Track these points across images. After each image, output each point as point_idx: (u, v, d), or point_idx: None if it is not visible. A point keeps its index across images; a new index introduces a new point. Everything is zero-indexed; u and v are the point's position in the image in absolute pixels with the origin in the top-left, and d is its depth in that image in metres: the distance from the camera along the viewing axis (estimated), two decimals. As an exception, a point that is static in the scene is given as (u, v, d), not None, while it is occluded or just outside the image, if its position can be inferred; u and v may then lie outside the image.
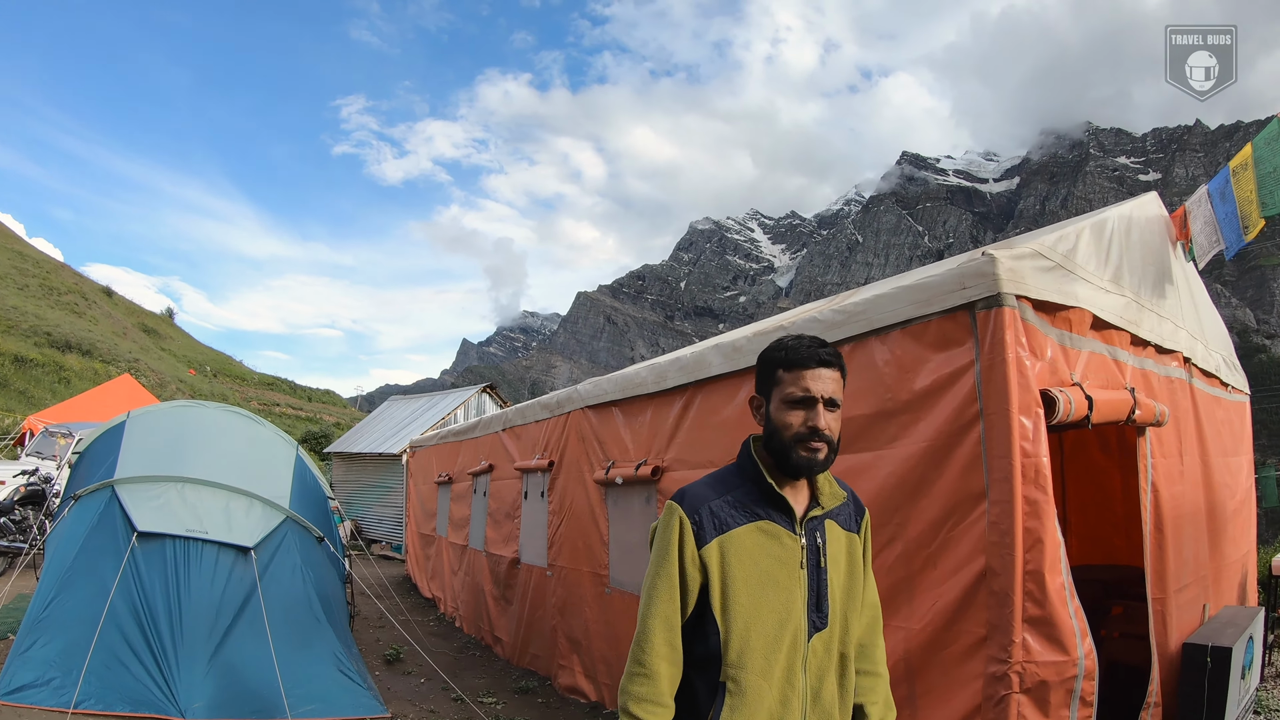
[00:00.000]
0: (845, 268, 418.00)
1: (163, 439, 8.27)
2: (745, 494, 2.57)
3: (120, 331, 71.49)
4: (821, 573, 2.57)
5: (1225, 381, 8.04)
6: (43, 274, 75.75)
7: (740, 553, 2.49)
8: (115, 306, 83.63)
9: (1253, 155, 6.42)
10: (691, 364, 6.10)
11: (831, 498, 2.63)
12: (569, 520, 8.19)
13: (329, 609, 7.85)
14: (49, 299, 68.56)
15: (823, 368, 2.51)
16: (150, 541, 7.04)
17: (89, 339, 60.10)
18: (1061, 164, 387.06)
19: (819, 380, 2.49)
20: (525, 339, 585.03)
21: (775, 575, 2.51)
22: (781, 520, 2.54)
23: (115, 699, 6.49)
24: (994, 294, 3.82)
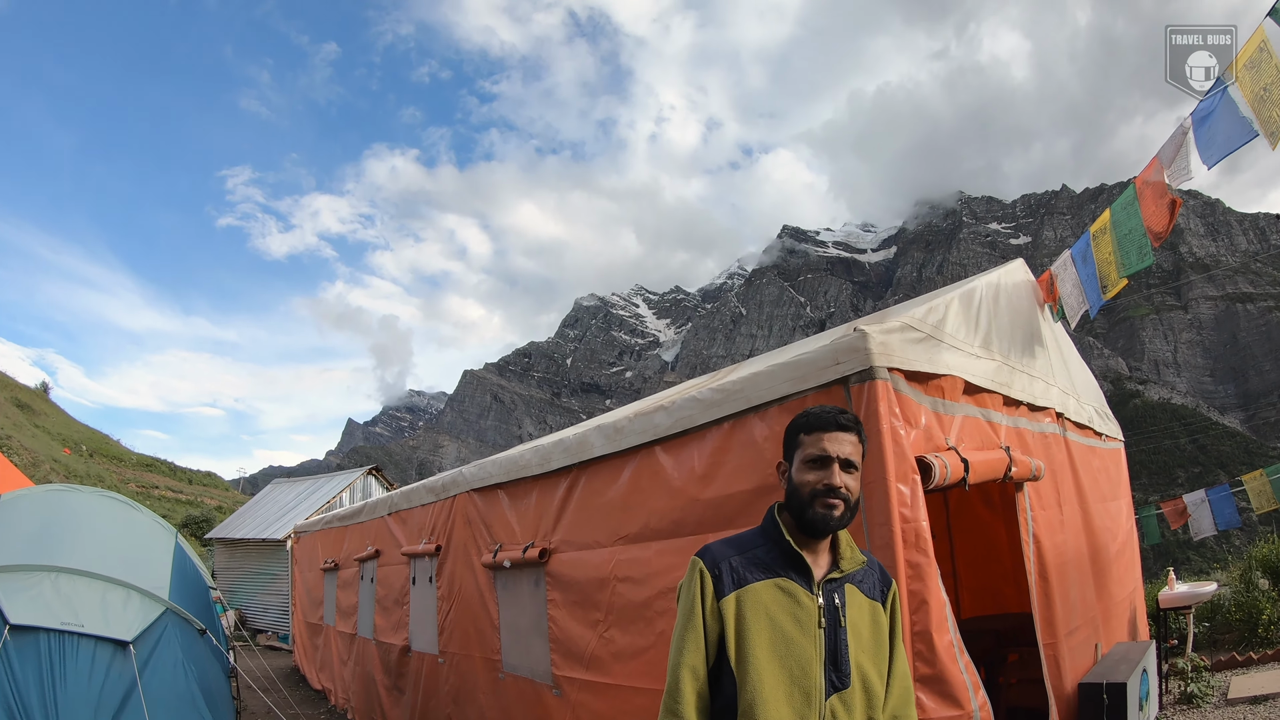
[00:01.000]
0: (730, 340, 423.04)
1: (35, 525, 7.90)
2: (766, 553, 2.70)
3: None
4: (840, 632, 2.65)
5: (1099, 431, 8.35)
6: None
7: (757, 607, 2.60)
8: None
9: (1110, 219, 6.69)
10: (574, 446, 6.06)
11: (852, 561, 2.72)
12: (459, 605, 8.00)
13: (213, 705, 7.55)
14: None
15: (840, 431, 2.67)
16: (23, 634, 6.62)
17: None
18: (936, 232, 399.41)
19: (836, 442, 2.65)
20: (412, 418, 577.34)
21: (791, 632, 2.59)
22: (799, 580, 2.65)
23: None
24: (866, 368, 3.88)
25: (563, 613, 6.09)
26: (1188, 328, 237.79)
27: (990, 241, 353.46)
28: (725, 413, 4.62)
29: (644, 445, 5.29)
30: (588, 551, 5.83)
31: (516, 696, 6.87)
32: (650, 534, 5.18)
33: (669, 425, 5.04)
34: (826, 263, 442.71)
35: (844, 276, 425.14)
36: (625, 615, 5.37)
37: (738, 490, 4.50)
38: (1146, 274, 23.63)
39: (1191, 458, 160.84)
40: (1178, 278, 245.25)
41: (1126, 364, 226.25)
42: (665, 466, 5.08)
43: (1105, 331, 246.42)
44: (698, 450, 4.83)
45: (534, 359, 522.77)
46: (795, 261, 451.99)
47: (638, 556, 5.27)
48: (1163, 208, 6.07)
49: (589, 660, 5.74)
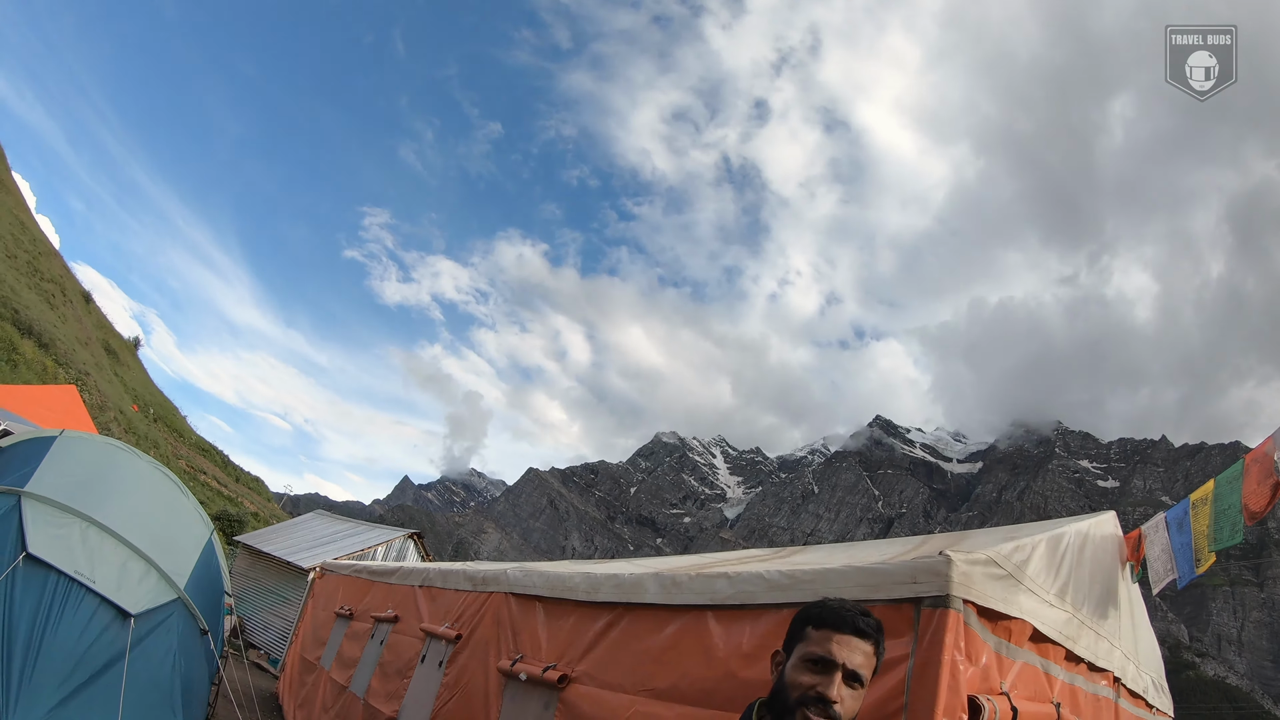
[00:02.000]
0: (795, 514, 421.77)
1: (86, 471, 8.02)
2: None
3: (84, 340, 69.97)
4: None
5: (1151, 704, 8.03)
6: (35, 253, 74.26)
7: None
8: (88, 314, 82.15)
9: (1213, 490, 6.49)
10: (628, 585, 5.94)
11: None
12: (459, 700, 7.80)
13: (188, 704, 7.52)
14: (30, 279, 66.84)
15: (856, 636, 2.33)
16: (35, 567, 6.70)
17: (52, 334, 58.43)
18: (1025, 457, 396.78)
19: (847, 647, 2.31)
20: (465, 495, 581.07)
21: None
22: None
23: None
24: (943, 594, 3.74)
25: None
26: (1259, 606, 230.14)
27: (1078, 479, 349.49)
28: (787, 599, 4.48)
29: (697, 606, 5.17)
30: (608, 692, 5.66)
31: (495, 813, 6.68)
32: (678, 695, 5.02)
33: (729, 594, 4.92)
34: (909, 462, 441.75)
35: (924, 480, 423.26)
36: (630, 770, 5.18)
37: (780, 679, 4.36)
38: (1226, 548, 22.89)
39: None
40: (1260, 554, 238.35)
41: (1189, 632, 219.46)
42: (713, 633, 4.94)
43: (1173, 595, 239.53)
44: (750, 627, 4.69)
45: (599, 477, 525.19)
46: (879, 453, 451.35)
47: (659, 714, 5.09)
48: (1266, 487, 5.90)
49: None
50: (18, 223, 77.74)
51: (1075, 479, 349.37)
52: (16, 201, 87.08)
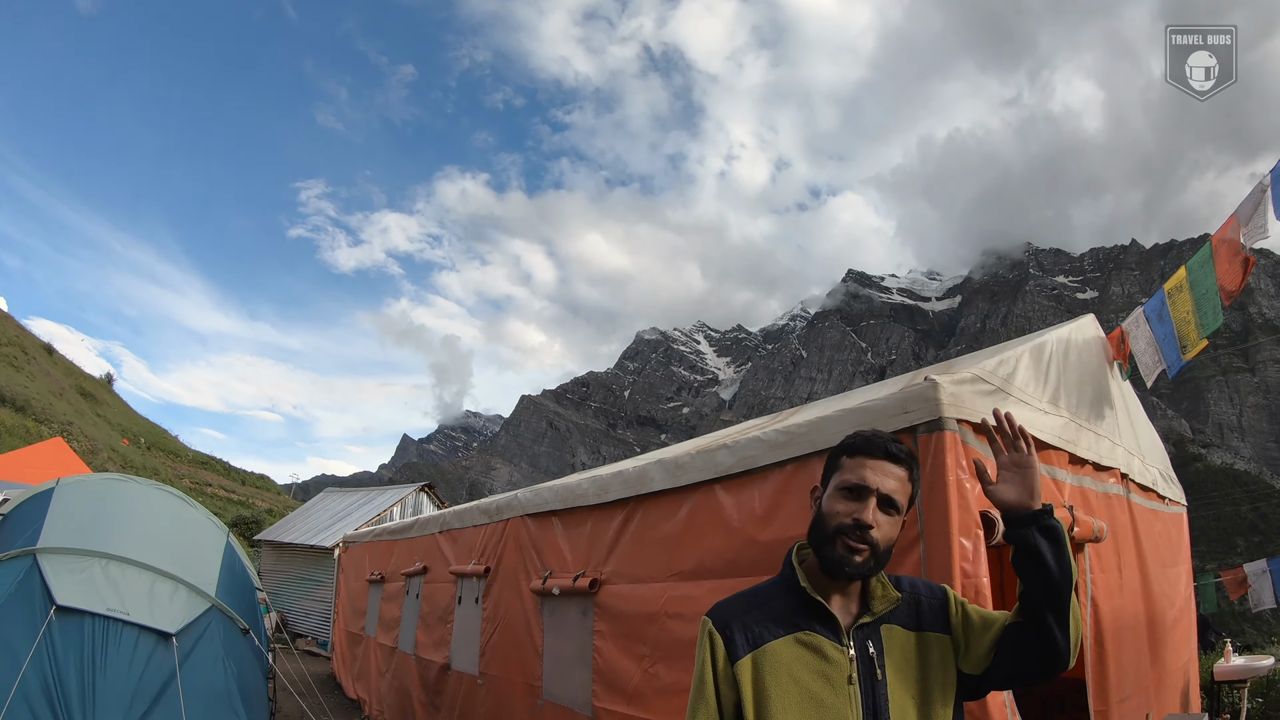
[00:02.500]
0: (789, 382, 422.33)
1: (91, 511, 8.02)
2: (784, 605, 2.37)
3: (57, 391, 69.48)
4: (879, 686, 2.28)
5: (1162, 494, 8.17)
6: None
7: (776, 668, 2.26)
8: (54, 365, 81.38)
9: (1187, 278, 6.56)
10: (634, 478, 6.03)
11: (884, 600, 2.38)
12: (503, 628, 7.99)
13: (249, 704, 7.59)
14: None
15: (889, 461, 2.32)
16: (68, 616, 6.73)
17: (24, 395, 58.07)
18: (1002, 283, 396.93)
19: (880, 472, 2.30)
20: (466, 439, 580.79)
21: (819, 693, 2.25)
22: (824, 631, 2.31)
23: None
24: (935, 418, 3.81)
25: (609, 644, 6.05)
26: (1255, 391, 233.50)
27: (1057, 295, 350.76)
28: (789, 455, 4.57)
29: (704, 483, 5.26)
30: (639, 585, 5.80)
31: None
32: (704, 572, 5.13)
33: (731, 464, 5.00)
34: (890, 309, 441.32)
35: (907, 324, 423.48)
36: (672, 652, 5.31)
37: (796, 534, 4.37)
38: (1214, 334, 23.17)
39: (1252, 526, 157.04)
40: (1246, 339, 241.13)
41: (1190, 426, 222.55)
42: (724, 505, 5.04)
43: (1169, 392, 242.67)
44: (758, 491, 4.78)
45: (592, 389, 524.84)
46: (858, 307, 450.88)
47: (690, 594, 5.22)
48: (1236, 266, 5.97)
49: (631, 694, 5.69)
50: None
51: (1054, 296, 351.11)
52: None
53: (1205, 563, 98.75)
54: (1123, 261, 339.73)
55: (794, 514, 4.49)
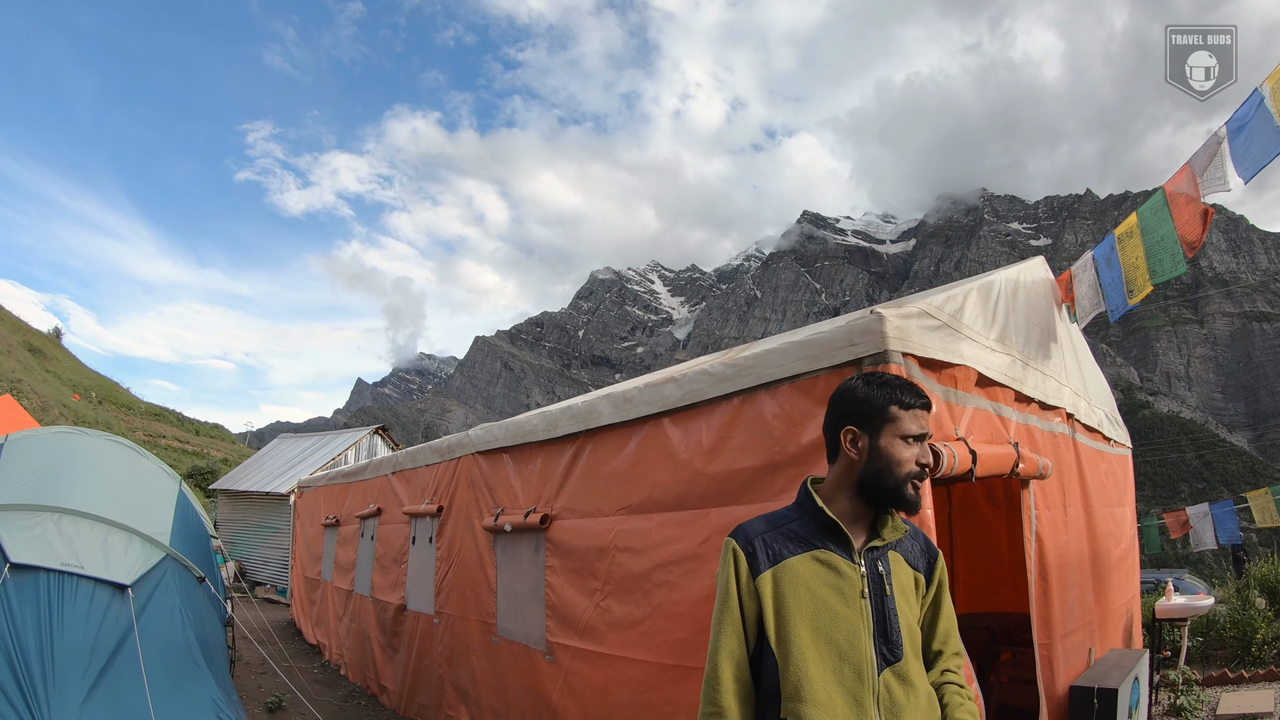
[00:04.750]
0: (743, 322, 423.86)
1: (41, 466, 7.91)
2: (801, 526, 2.57)
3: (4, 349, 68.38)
4: (887, 600, 2.52)
5: (1108, 436, 8.32)
6: None
7: (795, 582, 2.46)
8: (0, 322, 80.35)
9: (1139, 225, 6.63)
10: (583, 413, 6.06)
11: (892, 530, 2.61)
12: (457, 567, 8.04)
13: (209, 653, 7.55)
14: None
15: (926, 411, 2.60)
16: (23, 574, 6.63)
17: None
18: (956, 228, 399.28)
19: (927, 420, 2.59)
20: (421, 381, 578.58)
21: (833, 605, 2.46)
22: (839, 550, 2.52)
23: None
24: (881, 351, 3.83)
25: (561, 580, 6.10)
26: (1202, 342, 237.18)
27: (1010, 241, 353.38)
28: (736, 388, 4.60)
29: (652, 416, 5.28)
30: (589, 520, 5.84)
31: (510, 661, 6.91)
32: (653, 505, 5.18)
33: (679, 397, 5.03)
34: (844, 251, 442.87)
35: (861, 266, 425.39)
36: (623, 585, 5.38)
37: (744, 466, 4.49)
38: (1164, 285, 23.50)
39: (1196, 473, 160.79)
40: (1196, 291, 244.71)
41: (1138, 374, 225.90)
42: (672, 439, 5.07)
43: (1119, 340, 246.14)
44: (706, 424, 4.81)
45: (546, 329, 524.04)
46: (813, 248, 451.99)
47: (639, 527, 5.27)
48: (1195, 217, 6.01)
49: (584, 628, 5.76)
50: None
51: (1008, 242, 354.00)
52: None
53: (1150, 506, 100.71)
54: (1077, 210, 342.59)
55: (741, 447, 4.53)
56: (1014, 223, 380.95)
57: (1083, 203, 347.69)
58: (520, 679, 6.71)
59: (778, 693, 2.42)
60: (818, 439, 4.08)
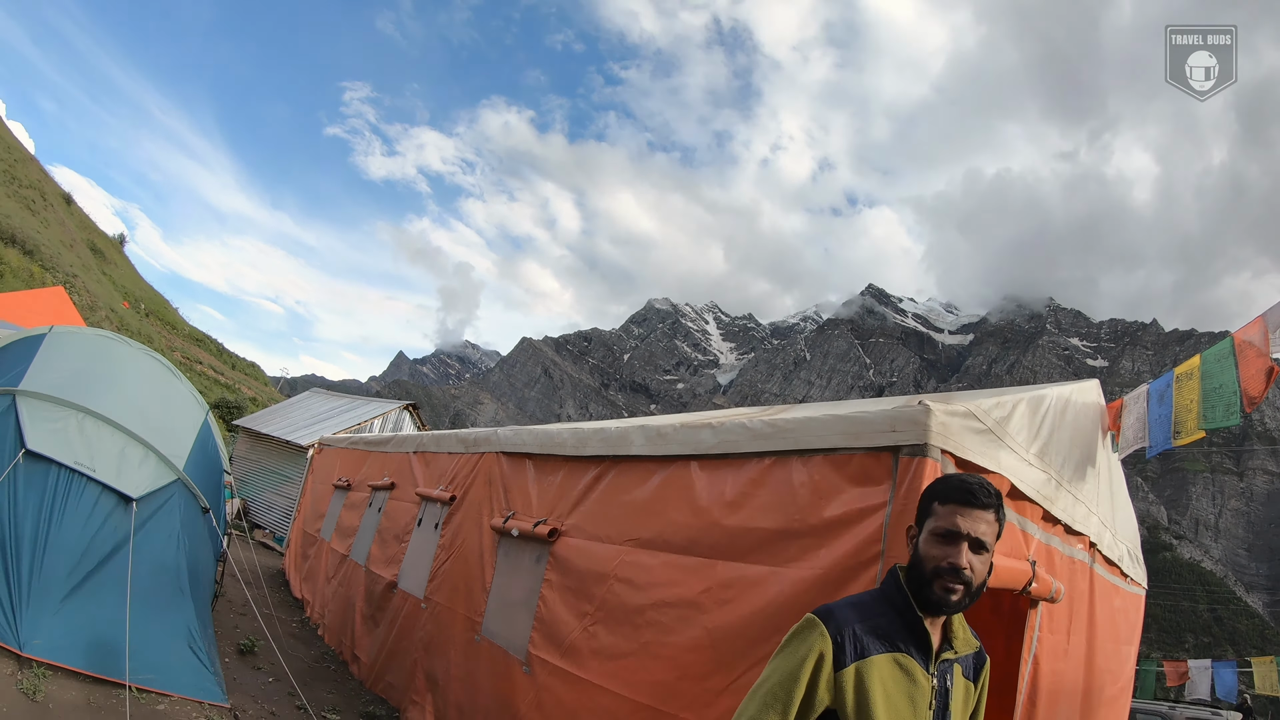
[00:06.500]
0: (787, 381, 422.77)
1: (78, 364, 8.08)
2: (888, 622, 2.52)
3: (68, 243, 69.55)
4: (945, 715, 2.54)
5: (1126, 572, 8.19)
6: (10, 160, 73.21)
7: (875, 683, 2.41)
8: (70, 216, 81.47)
9: (1200, 367, 6.55)
10: (614, 438, 6.06)
11: (965, 644, 2.64)
12: (456, 559, 8.05)
13: (195, 583, 7.64)
14: (8, 187, 65.99)
15: (979, 509, 2.51)
16: (36, 463, 6.81)
17: (35, 240, 58.10)
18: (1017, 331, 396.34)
19: (971, 519, 2.49)
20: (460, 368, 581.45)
21: (903, 712, 2.44)
22: (918, 656, 2.51)
23: None
24: (921, 443, 3.81)
25: (555, 595, 6.09)
26: (1238, 495, 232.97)
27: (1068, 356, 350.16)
28: (770, 448, 4.59)
29: (681, 457, 5.29)
30: (596, 544, 5.84)
31: (487, 662, 6.89)
32: (662, 544, 5.17)
33: (712, 444, 5.02)
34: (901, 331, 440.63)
35: (915, 350, 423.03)
36: (615, 615, 5.35)
37: (760, 526, 4.47)
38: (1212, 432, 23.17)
39: (1205, 626, 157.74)
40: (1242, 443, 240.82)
41: (1168, 514, 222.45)
42: (696, 483, 5.06)
43: (1155, 477, 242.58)
44: (732, 477, 4.80)
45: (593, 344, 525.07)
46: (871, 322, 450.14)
47: (644, 563, 5.26)
48: (1260, 372, 5.93)
49: (567, 648, 5.74)
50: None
51: (1065, 356, 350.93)
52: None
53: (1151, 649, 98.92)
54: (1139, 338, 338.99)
55: (763, 507, 4.51)
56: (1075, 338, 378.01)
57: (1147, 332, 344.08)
58: (493, 683, 6.69)
59: None
60: (840, 516, 4.07)
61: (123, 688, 6.35)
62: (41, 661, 6.30)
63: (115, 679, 6.43)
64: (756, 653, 4.23)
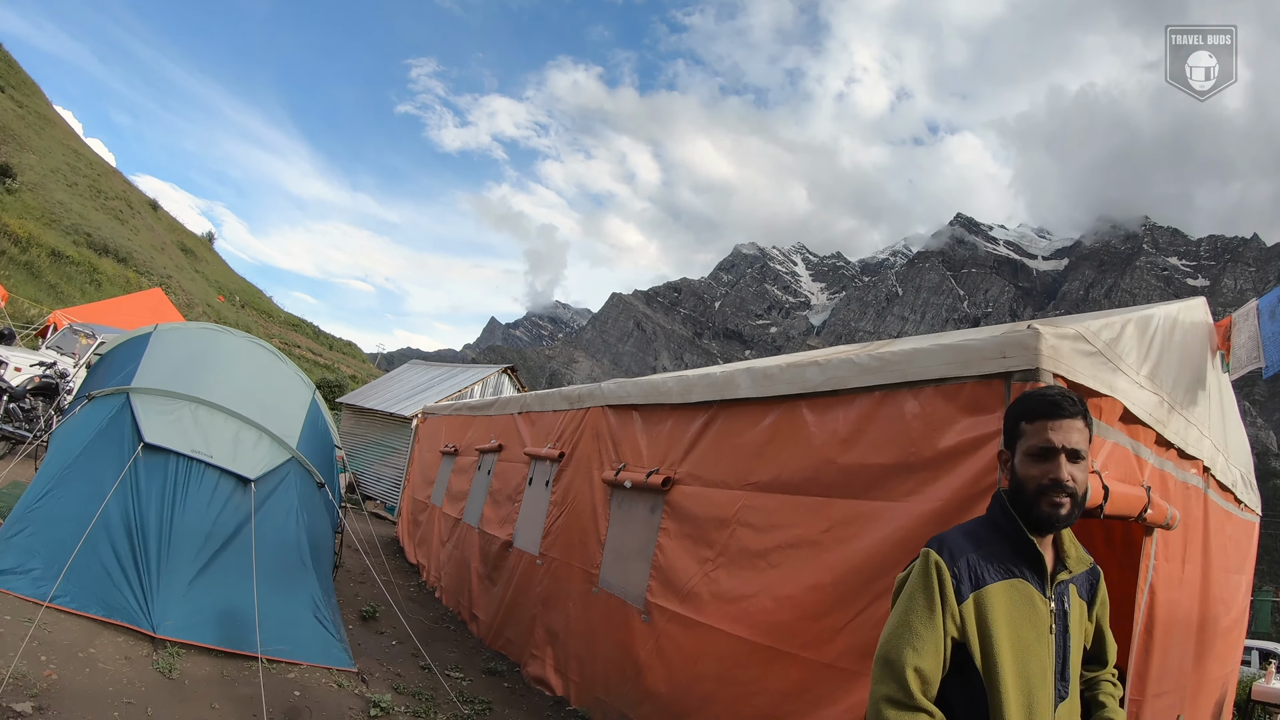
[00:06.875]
0: (880, 318, 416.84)
1: (185, 357, 8.36)
2: (1000, 549, 2.48)
3: (159, 246, 71.90)
4: (1066, 638, 2.51)
5: (1240, 498, 8.02)
6: (93, 176, 75.93)
7: (995, 611, 2.38)
8: (158, 221, 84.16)
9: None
10: (720, 382, 6.11)
11: (1078, 562, 2.60)
12: (569, 514, 8.22)
13: (316, 555, 7.89)
14: (95, 201, 68.71)
15: (1067, 418, 2.46)
16: (155, 454, 7.10)
17: (127, 247, 60.40)
18: (1113, 254, 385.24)
19: (1061, 431, 2.44)
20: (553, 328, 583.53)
21: (1027, 638, 2.42)
22: (1033, 580, 2.47)
23: (91, 601, 6.57)
24: (1032, 368, 3.79)
25: (673, 543, 6.19)
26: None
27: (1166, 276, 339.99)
28: (878, 381, 4.60)
29: (790, 397, 5.32)
30: (712, 489, 5.91)
31: (605, 613, 7.05)
32: (780, 486, 5.22)
33: (819, 382, 5.05)
34: (993, 260, 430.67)
35: (1009, 278, 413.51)
36: (737, 560, 5.43)
37: (876, 462, 4.51)
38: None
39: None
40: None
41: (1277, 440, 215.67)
42: (808, 423, 5.10)
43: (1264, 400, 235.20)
44: (843, 413, 4.83)
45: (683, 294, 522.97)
46: (962, 252, 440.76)
47: (764, 505, 5.32)
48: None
49: (686, 594, 5.84)
50: (71, 152, 78.60)
51: (1164, 276, 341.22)
52: (65, 133, 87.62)
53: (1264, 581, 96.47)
54: (1240, 254, 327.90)
55: (876, 442, 4.54)
56: (1173, 258, 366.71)
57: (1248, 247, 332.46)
58: (612, 633, 6.84)
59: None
60: (954, 447, 4.09)
61: (253, 660, 6.62)
62: (175, 641, 6.63)
63: (247, 652, 6.71)
64: (874, 589, 4.29)
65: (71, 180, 69.45)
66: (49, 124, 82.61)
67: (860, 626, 4.33)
